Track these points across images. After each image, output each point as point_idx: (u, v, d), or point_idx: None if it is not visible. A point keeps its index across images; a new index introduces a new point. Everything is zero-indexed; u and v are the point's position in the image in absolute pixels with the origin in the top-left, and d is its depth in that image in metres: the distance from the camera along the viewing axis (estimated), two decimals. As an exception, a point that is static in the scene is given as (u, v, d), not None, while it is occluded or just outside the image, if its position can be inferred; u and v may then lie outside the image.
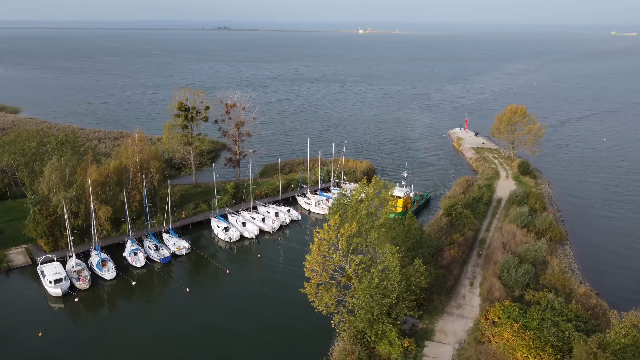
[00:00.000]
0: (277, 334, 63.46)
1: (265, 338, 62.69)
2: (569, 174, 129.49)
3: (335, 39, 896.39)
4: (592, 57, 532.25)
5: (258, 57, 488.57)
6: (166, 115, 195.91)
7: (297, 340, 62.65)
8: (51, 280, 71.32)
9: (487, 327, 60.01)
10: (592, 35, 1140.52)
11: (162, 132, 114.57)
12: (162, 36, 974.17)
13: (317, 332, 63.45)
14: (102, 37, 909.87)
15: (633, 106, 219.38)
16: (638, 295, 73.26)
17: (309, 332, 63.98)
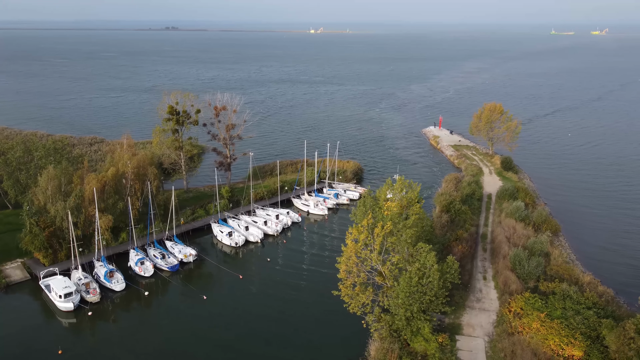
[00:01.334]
0: (306, 337, 63.35)
1: (295, 342, 62.49)
2: (546, 169, 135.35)
3: (288, 39, 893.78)
4: (538, 55, 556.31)
5: (216, 58, 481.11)
6: (136, 120, 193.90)
7: (328, 341, 62.77)
8: (61, 295, 68.18)
9: (512, 318, 62.31)
10: (534, 35, 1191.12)
11: (152, 137, 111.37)
12: (107, 37, 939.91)
13: (346, 333, 63.88)
14: (40, 38, 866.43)
15: (589, 103, 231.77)
16: (636, 280, 78.06)
17: (337, 333, 64.20)
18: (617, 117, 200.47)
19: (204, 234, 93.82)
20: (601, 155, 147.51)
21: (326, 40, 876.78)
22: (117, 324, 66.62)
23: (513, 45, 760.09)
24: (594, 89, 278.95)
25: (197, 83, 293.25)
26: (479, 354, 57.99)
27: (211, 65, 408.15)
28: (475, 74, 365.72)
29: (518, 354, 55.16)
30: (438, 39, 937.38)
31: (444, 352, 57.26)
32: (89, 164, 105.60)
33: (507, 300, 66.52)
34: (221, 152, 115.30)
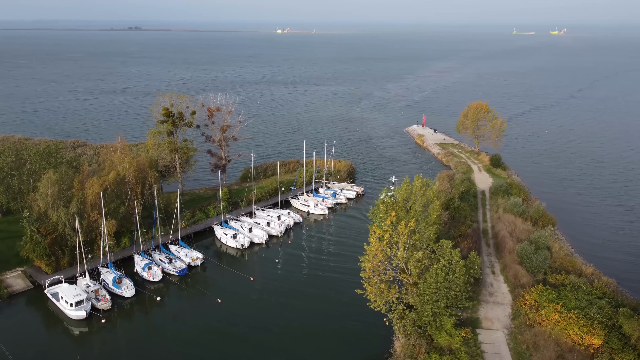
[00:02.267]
0: (327, 336, 63.47)
1: (318, 341, 62.60)
2: (531, 165, 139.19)
3: (256, 39, 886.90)
4: (504, 54, 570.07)
5: (187, 58, 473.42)
6: (115, 122, 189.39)
7: (351, 339, 63.09)
8: (72, 303, 66.22)
9: (529, 311, 64.06)
10: (497, 34, 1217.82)
11: (146, 139, 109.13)
12: (69, 37, 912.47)
13: (367, 331, 64.46)
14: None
15: (562, 101, 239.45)
16: (634, 269, 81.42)
17: (359, 331, 64.62)
18: (591, 115, 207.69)
19: (206, 237, 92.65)
20: (582, 152, 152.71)
21: (294, 40, 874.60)
22: (132, 331, 65.22)
23: (478, 45, 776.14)
24: (564, 87, 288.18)
25: (173, 84, 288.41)
26: (501, 346, 59.39)
27: (183, 66, 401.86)
28: (447, 73, 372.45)
29: (541, 345, 56.75)
30: (403, 39, 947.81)
31: (469, 345, 58.38)
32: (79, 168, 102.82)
33: (520, 293, 68.32)
34: (216, 154, 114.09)
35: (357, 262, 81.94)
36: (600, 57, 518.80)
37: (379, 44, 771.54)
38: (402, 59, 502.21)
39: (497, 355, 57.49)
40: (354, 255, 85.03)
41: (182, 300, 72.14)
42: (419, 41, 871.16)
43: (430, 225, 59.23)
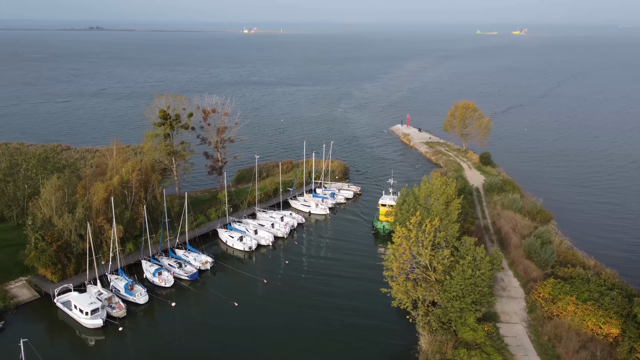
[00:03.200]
0: (349, 335, 63.83)
1: (341, 340, 62.87)
2: (517, 162, 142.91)
3: (223, 39, 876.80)
4: (472, 54, 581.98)
5: (158, 59, 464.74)
6: (94, 125, 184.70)
7: (373, 338, 63.69)
8: (87, 312, 64.50)
9: (544, 303, 66.03)
10: (461, 34, 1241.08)
11: (143, 141, 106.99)
12: (28, 37, 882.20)
13: (387, 329, 65.32)
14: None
15: (537, 99, 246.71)
16: (630, 259, 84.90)
17: (379, 330, 65.30)
18: (566, 113, 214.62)
19: (210, 240, 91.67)
20: (564, 149, 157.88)
21: (262, 40, 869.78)
22: (152, 338, 63.98)
23: (445, 44, 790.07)
24: (536, 86, 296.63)
25: (149, 86, 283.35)
26: (522, 338, 61.06)
27: (156, 67, 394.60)
28: (421, 72, 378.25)
29: (563, 336, 58.63)
30: (371, 39, 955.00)
31: (492, 339, 59.79)
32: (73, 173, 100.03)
33: (532, 287, 70.30)
34: (212, 156, 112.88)
35: (365, 262, 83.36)
36: (565, 57, 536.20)
37: (348, 44, 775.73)
38: (374, 59, 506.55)
39: (521, 348, 59.08)
40: (361, 255, 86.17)
41: (197, 305, 71.19)
42: (387, 41, 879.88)
43: (452, 222, 60.31)
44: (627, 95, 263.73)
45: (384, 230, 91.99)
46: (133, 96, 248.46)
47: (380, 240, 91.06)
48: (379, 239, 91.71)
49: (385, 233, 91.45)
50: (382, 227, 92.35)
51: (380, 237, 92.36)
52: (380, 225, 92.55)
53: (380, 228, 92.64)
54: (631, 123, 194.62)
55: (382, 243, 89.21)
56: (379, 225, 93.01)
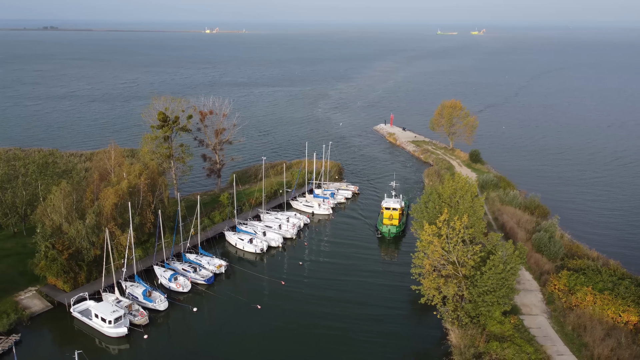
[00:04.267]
0: (375, 333, 64.58)
1: (367, 339, 63.43)
2: (503, 159, 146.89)
3: (186, 40, 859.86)
4: (438, 54, 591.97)
5: (124, 60, 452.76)
6: (71, 129, 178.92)
7: (399, 334, 64.70)
8: (110, 320, 62.76)
9: (562, 295, 68.45)
10: (422, 34, 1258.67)
11: (141, 144, 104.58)
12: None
13: (410, 326, 66.77)
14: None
15: (511, 98, 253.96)
16: (626, 249, 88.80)
17: (404, 328, 66.37)
18: (540, 111, 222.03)
19: (217, 243, 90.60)
20: (545, 145, 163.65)
21: (226, 40, 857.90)
22: (178, 345, 62.59)
23: (410, 44, 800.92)
24: (506, 85, 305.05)
25: (120, 87, 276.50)
26: (547, 329, 63.12)
27: (123, 68, 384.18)
28: (392, 72, 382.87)
29: (588, 325, 60.98)
30: (337, 39, 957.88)
31: (520, 331, 61.61)
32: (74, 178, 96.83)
33: (547, 279, 72.75)
34: (210, 158, 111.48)
35: (377, 261, 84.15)
36: (527, 56, 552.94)
37: (314, 44, 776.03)
38: (343, 59, 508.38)
39: (548, 339, 61.06)
40: (371, 256, 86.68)
41: (219, 309, 70.23)
42: (352, 41, 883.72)
43: (479, 219, 61.81)
44: (594, 93, 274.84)
45: (389, 234, 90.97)
46: (108, 98, 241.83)
47: (386, 244, 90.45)
48: (384, 243, 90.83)
49: (391, 237, 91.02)
50: (387, 231, 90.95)
51: (386, 241, 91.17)
52: (386, 230, 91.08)
53: (386, 232, 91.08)
54: (606, 120, 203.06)
55: (389, 246, 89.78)
56: (384, 229, 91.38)
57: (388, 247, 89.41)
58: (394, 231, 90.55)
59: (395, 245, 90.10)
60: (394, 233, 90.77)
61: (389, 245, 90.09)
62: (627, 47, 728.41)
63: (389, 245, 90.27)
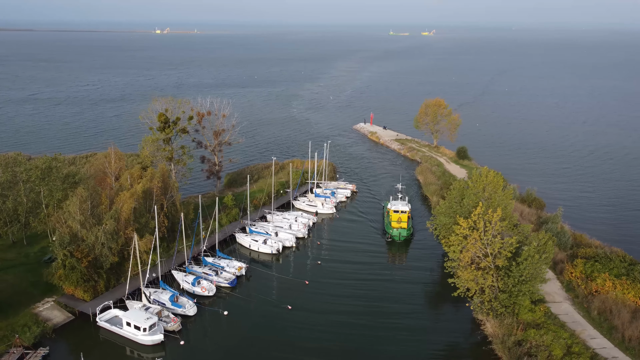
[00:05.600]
0: (412, 330, 65.73)
1: (405, 336, 64.49)
2: (486, 156, 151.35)
3: (136, 40, 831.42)
4: (395, 54, 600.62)
5: (82, 61, 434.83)
6: (41, 133, 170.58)
7: (433, 327, 66.17)
8: (145, 328, 60.87)
9: (582, 282, 71.75)
10: (375, 35, 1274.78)
11: (141, 146, 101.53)
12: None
13: (443, 317, 68.58)
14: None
15: (479, 97, 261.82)
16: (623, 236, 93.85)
17: (436, 322, 68.04)
18: (508, 108, 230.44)
19: (228, 245, 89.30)
20: (522, 141, 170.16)
21: (179, 41, 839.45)
22: (216, 351, 61.27)
23: (366, 44, 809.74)
24: (471, 84, 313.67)
25: (83, 90, 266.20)
26: (574, 315, 66.04)
27: (81, 70, 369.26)
28: (356, 72, 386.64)
29: (613, 309, 64.28)
30: (292, 39, 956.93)
31: (550, 318, 64.21)
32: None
33: (562, 268, 76.04)
34: (209, 160, 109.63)
35: (391, 260, 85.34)
36: (483, 56, 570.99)
37: (271, 45, 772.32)
38: (304, 59, 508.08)
39: (577, 324, 63.88)
40: (384, 253, 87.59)
41: (250, 311, 69.25)
42: (308, 42, 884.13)
43: (510, 212, 63.96)
44: (554, 91, 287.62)
45: (400, 237, 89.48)
46: (74, 101, 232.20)
47: (396, 247, 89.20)
48: (395, 245, 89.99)
49: (402, 240, 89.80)
50: (398, 235, 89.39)
51: (396, 244, 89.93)
52: (397, 233, 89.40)
53: (397, 236, 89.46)
54: (572, 116, 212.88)
55: (400, 246, 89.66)
56: (394, 233, 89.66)
57: (399, 247, 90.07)
58: (405, 234, 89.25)
59: (405, 245, 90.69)
60: (405, 236, 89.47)
61: (400, 246, 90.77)
62: (573, 47, 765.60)
63: (400, 246, 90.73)
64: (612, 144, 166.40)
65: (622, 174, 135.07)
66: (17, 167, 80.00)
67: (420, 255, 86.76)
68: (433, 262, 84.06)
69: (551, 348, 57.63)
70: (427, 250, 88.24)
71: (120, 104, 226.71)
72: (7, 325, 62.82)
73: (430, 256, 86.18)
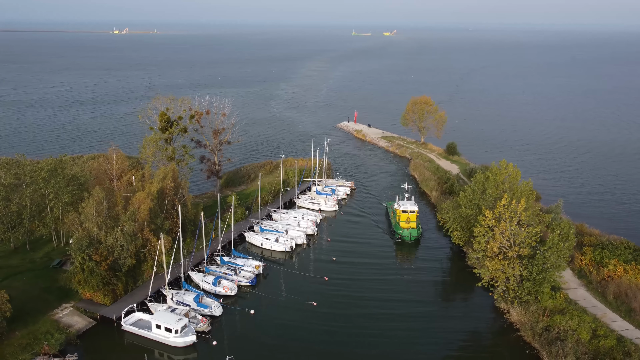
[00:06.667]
0: (434, 320, 67.10)
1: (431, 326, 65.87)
2: (472, 152, 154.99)
3: (96, 41, 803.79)
4: (363, 54, 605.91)
5: (44, 62, 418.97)
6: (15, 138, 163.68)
7: (459, 316, 67.61)
8: (177, 329, 59.73)
9: (593, 268, 74.70)
10: (338, 35, 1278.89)
11: (142, 147, 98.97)
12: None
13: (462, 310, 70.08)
14: None
15: (453, 94, 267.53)
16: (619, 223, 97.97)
17: (457, 312, 69.42)
18: (484, 105, 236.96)
19: (239, 244, 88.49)
20: (505, 137, 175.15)
21: (139, 41, 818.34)
22: (250, 350, 60.63)
23: (332, 45, 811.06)
24: (444, 82, 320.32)
25: (54, 91, 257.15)
26: (591, 300, 68.67)
27: (45, 71, 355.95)
28: (328, 72, 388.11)
29: (629, 293, 67.24)
30: (257, 40, 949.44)
31: (570, 303, 66.63)
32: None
33: (572, 255, 78.74)
34: (209, 160, 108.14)
35: (406, 255, 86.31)
36: (450, 56, 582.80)
37: (237, 45, 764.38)
38: (273, 59, 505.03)
39: (596, 308, 66.47)
40: (393, 250, 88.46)
41: (276, 309, 68.81)
42: (274, 42, 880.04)
43: (533, 201, 66.08)
44: (525, 89, 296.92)
45: (410, 237, 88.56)
46: (45, 103, 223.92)
47: (407, 247, 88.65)
48: (405, 243, 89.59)
49: (412, 240, 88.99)
50: (408, 235, 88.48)
51: (406, 242, 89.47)
52: (407, 233, 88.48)
53: (407, 236, 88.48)
54: (547, 113, 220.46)
55: (410, 245, 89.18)
56: (405, 233, 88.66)
57: (409, 244, 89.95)
58: (415, 234, 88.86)
59: (415, 242, 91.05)
60: (415, 236, 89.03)
61: (411, 249, 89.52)
62: (533, 47, 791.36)
63: (411, 248, 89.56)
64: (588, 138, 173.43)
65: (607, 167, 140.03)
66: (20, 169, 76.74)
67: (429, 251, 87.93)
68: (444, 256, 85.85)
69: (578, 332, 59.78)
70: (436, 244, 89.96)
71: (96, 105, 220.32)
72: (29, 333, 60.49)
73: (440, 250, 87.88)
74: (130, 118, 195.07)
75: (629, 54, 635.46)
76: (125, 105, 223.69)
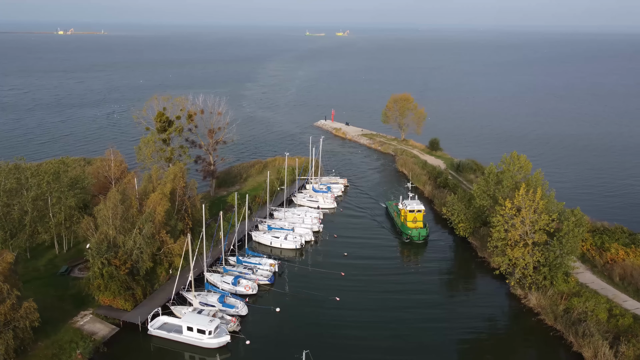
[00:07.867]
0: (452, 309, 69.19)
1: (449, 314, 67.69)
2: (453, 148, 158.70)
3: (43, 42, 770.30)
4: (322, 54, 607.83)
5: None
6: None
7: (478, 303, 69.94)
8: (210, 331, 58.79)
9: (595, 253, 78.66)
10: (292, 36, 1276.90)
11: (140, 148, 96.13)
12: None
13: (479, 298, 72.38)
14: None
15: (423, 92, 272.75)
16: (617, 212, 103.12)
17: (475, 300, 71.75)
18: (454, 102, 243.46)
19: (243, 244, 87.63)
20: (482, 132, 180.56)
21: (87, 42, 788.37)
22: (284, 348, 60.43)
23: (288, 44, 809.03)
24: (411, 81, 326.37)
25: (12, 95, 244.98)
26: (599, 282, 72.28)
27: None
28: (292, 72, 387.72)
29: (634, 274, 71.23)
30: (211, 40, 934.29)
31: (582, 286, 70.01)
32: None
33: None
34: (204, 160, 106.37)
35: (414, 251, 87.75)
36: (404, 55, 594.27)
37: (190, 45, 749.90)
38: (233, 60, 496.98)
39: (606, 290, 70.08)
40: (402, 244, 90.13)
41: (301, 306, 68.70)
42: (228, 43, 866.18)
43: (547, 190, 69.24)
44: (488, 87, 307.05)
45: (419, 237, 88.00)
46: (5, 107, 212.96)
47: (414, 246, 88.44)
48: (413, 242, 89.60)
49: (421, 240, 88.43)
50: (417, 235, 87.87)
51: (414, 243, 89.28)
52: (416, 233, 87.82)
53: (416, 236, 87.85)
54: (515, 109, 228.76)
55: (418, 247, 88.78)
56: (414, 233, 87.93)
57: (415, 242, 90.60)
58: (424, 234, 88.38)
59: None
60: (424, 236, 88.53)
61: (419, 248, 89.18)
62: (484, 47, 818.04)
63: (419, 247, 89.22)
64: (561, 132, 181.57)
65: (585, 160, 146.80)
66: (21, 173, 73.19)
67: (434, 243, 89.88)
68: (449, 248, 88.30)
69: (596, 312, 62.98)
70: (440, 238, 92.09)
71: (60, 108, 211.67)
72: (53, 343, 58.09)
73: (445, 243, 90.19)
74: (101, 121, 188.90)
75: (578, 52, 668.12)
76: (92, 107, 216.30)
